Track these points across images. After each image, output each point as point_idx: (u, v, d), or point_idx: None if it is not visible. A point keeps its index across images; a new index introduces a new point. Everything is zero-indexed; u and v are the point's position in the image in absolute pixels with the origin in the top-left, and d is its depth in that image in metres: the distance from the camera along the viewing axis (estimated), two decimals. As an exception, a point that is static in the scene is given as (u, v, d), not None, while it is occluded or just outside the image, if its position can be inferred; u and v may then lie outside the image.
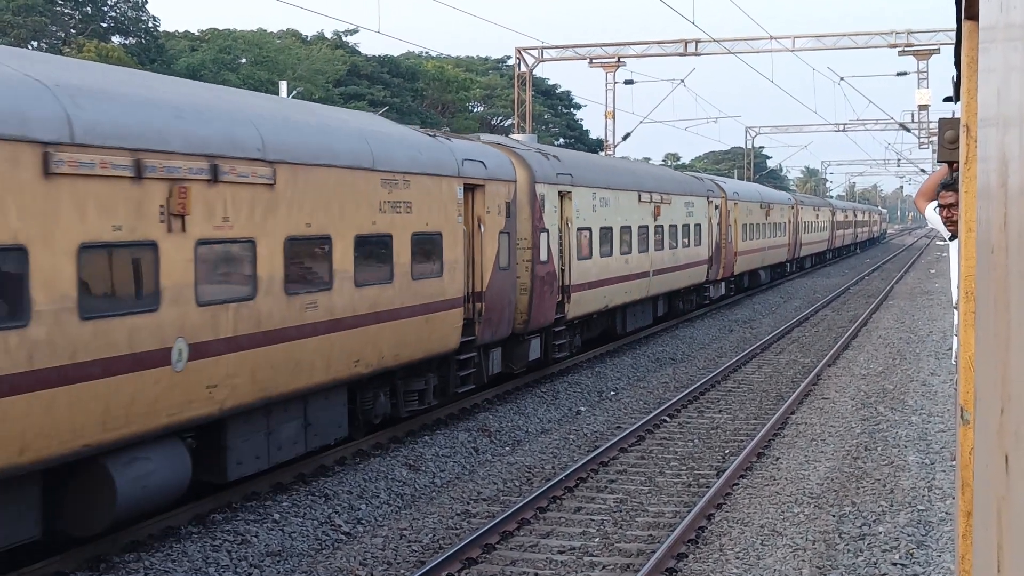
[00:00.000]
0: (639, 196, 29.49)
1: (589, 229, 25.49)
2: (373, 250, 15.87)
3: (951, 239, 8.32)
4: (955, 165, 6.34)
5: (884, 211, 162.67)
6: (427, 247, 17.46)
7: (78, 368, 10.33)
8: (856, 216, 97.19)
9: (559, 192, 23.56)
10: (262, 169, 13.14)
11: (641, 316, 31.13)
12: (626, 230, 28.30)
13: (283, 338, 13.54)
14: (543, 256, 22.40)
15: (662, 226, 31.59)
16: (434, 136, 19.34)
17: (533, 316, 21.97)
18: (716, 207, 39.17)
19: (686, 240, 34.53)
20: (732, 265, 41.93)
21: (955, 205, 7.42)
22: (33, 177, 9.85)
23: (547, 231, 22.64)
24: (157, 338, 11.38)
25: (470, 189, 19.20)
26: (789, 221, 56.01)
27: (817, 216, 68.45)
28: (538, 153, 23.70)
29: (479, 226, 19.60)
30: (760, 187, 55.99)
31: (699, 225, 36.34)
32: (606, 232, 26.71)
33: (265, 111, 14.29)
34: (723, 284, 41.81)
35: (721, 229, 39.80)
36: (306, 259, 14.30)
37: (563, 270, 23.83)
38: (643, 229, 29.81)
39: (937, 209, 8.97)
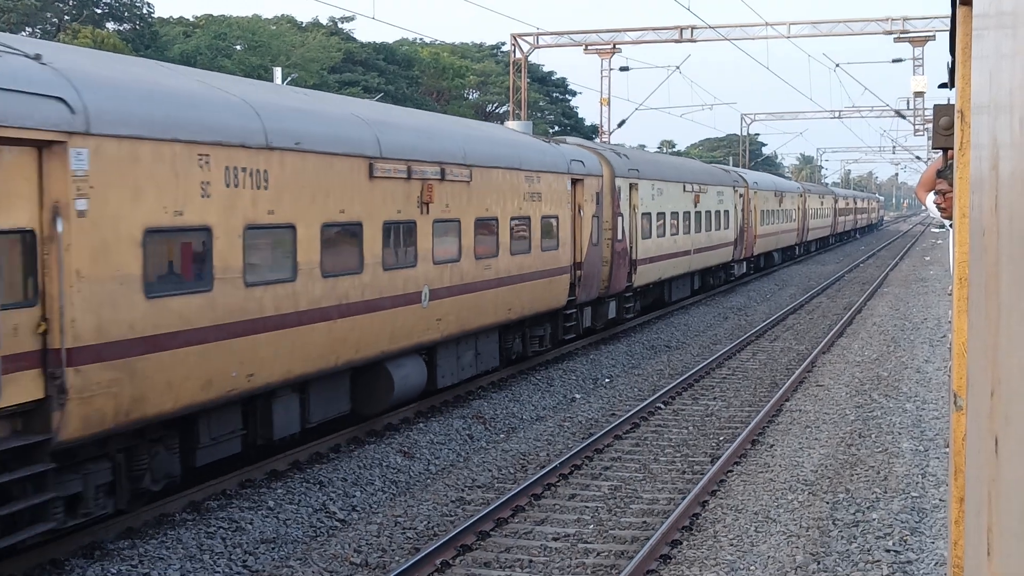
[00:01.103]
0: (684, 187, 35.04)
1: (649, 214, 31.04)
2: (519, 228, 21.40)
3: (951, 226, 8.32)
4: (950, 152, 6.34)
5: (881, 199, 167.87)
6: (549, 227, 22.99)
7: (378, 302, 16.01)
8: (856, 204, 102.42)
9: (630, 184, 28.94)
10: (464, 171, 18.83)
11: (683, 288, 36.92)
12: (674, 215, 33.90)
13: (473, 290, 19.33)
14: (620, 236, 27.74)
15: (700, 212, 37.04)
16: (550, 142, 25.38)
17: (612, 283, 27.39)
18: (740, 195, 44.50)
19: (717, 224, 39.96)
20: (752, 247, 47.30)
21: (948, 192, 7.41)
22: (364, 179, 15.66)
23: (622, 215, 27.97)
24: (415, 285, 17.17)
25: (575, 182, 24.64)
26: (798, 208, 61.31)
27: (822, 203, 74.13)
28: (614, 152, 29.19)
29: (579, 211, 24.97)
30: (775, 177, 62.75)
31: (727, 211, 41.73)
32: (660, 216, 32.26)
33: (460, 131, 20.36)
34: (744, 263, 46.98)
35: (744, 215, 45.05)
36: (486, 234, 19.90)
37: (632, 247, 29.10)
38: (686, 215, 35.31)
39: (935, 197, 8.97)
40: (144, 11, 61.35)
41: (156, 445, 12.19)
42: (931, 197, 9.49)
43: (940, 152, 7.65)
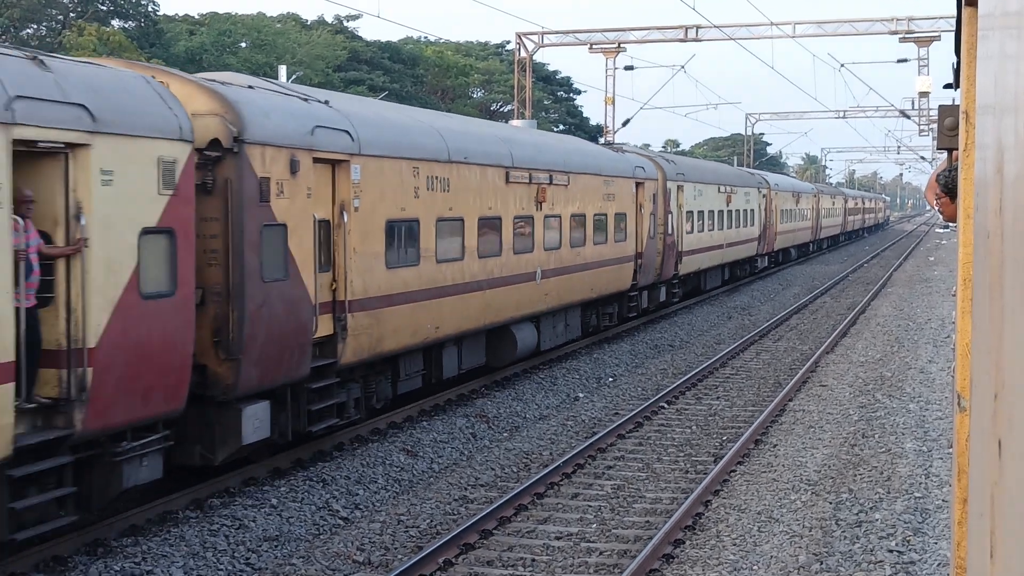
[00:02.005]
0: (719, 188, 39.57)
1: (692, 212, 35.39)
2: (599, 223, 26.08)
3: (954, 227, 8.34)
4: (955, 153, 6.33)
5: (888, 199, 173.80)
6: (620, 222, 27.71)
7: (509, 279, 20.85)
8: (864, 204, 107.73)
9: (677, 186, 33.46)
10: (564, 177, 23.71)
11: (715, 278, 41.56)
12: (711, 213, 38.22)
13: (568, 272, 24.04)
14: (670, 230, 32.34)
15: (731, 211, 41.49)
16: (620, 151, 31.27)
17: (663, 271, 32.03)
18: (763, 195, 48.71)
19: (745, 222, 44.41)
20: (773, 242, 51.78)
21: (942, 197, 7.42)
22: (503, 183, 20.63)
23: (671, 213, 32.53)
24: (532, 266, 22.08)
25: (638, 185, 29.28)
26: (812, 208, 65.74)
27: (833, 203, 78.84)
28: (664, 159, 34.27)
29: (640, 209, 29.48)
30: (793, 179, 68.50)
31: (753, 210, 46.04)
32: (700, 214, 36.62)
33: (561, 145, 26.28)
34: (766, 257, 51.53)
35: (766, 214, 49.38)
36: (577, 227, 24.62)
37: (678, 240, 33.48)
38: (720, 213, 39.65)
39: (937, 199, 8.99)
40: (149, 8, 61.35)
41: (379, 376, 16.84)
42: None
43: (946, 153, 7.65)
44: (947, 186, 7.33)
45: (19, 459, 9.96)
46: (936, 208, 9.05)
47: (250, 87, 14.64)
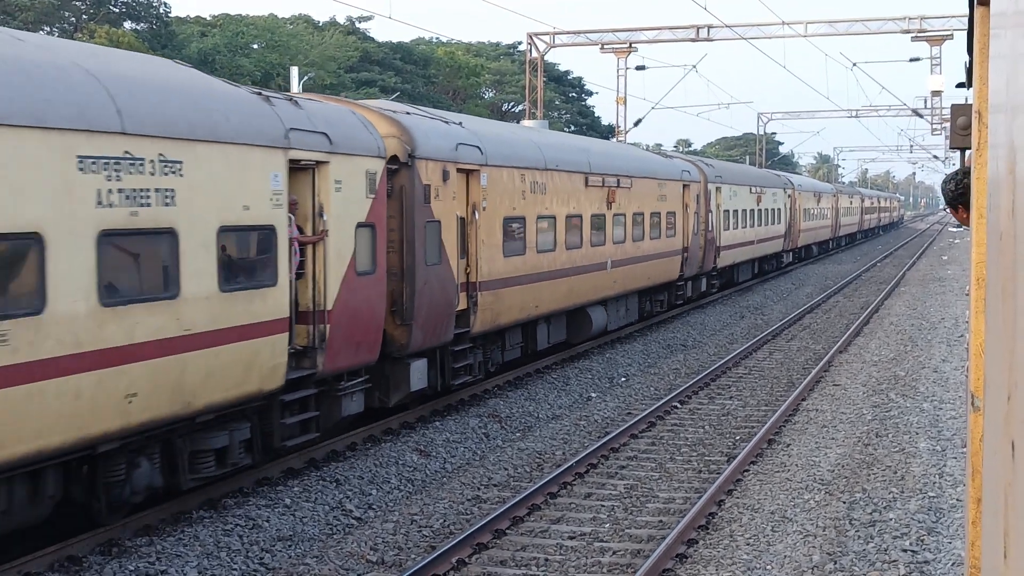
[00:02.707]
0: (750, 189, 42.95)
1: (728, 211, 38.78)
2: (654, 221, 29.68)
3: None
4: (968, 152, 6.32)
5: (902, 198, 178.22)
6: (670, 220, 31.27)
7: (586, 267, 24.21)
8: (880, 203, 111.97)
9: (716, 187, 36.90)
10: (628, 180, 27.12)
11: (747, 272, 45.11)
12: (744, 212, 41.65)
13: (630, 263, 27.46)
14: (710, 227, 35.81)
15: (761, 210, 44.98)
16: (668, 157, 34.92)
17: (704, 264, 35.53)
18: (789, 195, 52.05)
19: (773, 220, 47.93)
20: (797, 239, 55.30)
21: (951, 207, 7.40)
22: (582, 187, 24.01)
23: (711, 212, 35.97)
24: (603, 257, 25.33)
25: (684, 187, 32.88)
26: (832, 207, 69.37)
27: (851, 203, 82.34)
28: (704, 163, 37.89)
29: (686, 209, 33.11)
30: (814, 180, 72.70)
31: (779, 209, 49.45)
32: (735, 213, 39.98)
33: (625, 152, 30.80)
34: (791, 253, 55.21)
35: (791, 213, 52.78)
36: (637, 225, 28.13)
37: (716, 237, 36.87)
38: (752, 212, 43.10)
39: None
40: (161, 10, 61.51)
41: (493, 344, 20.67)
42: None
43: (959, 152, 7.62)
44: (951, 200, 7.32)
45: (285, 389, 13.74)
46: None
47: (408, 113, 18.21)
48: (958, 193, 7.10)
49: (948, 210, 8.25)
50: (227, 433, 12.82)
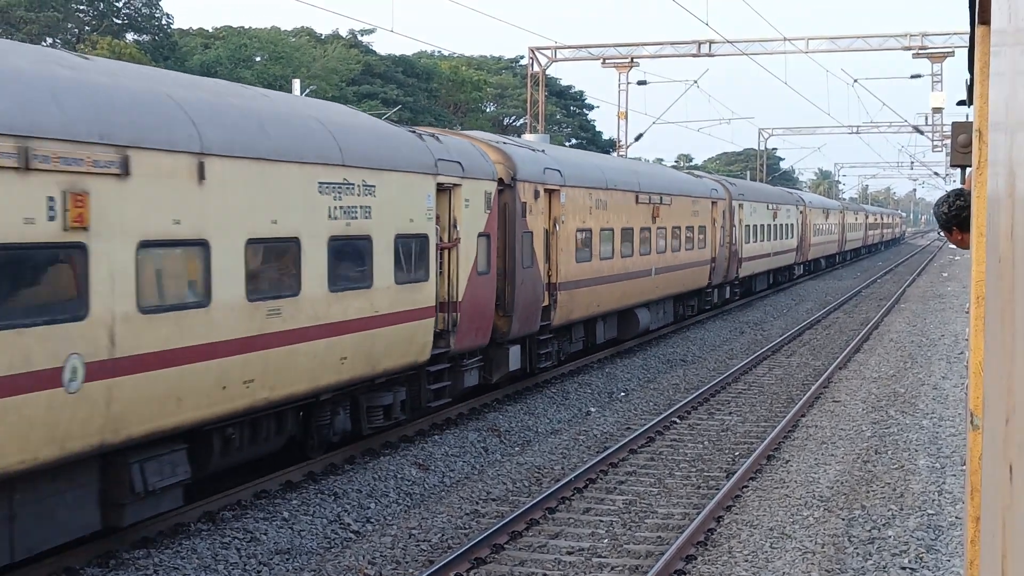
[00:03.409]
0: (767, 206, 46.94)
1: (749, 226, 42.52)
2: (688, 234, 33.53)
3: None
4: (968, 170, 6.31)
5: (904, 214, 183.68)
6: (701, 233, 35.20)
7: (636, 274, 27.61)
8: (883, 219, 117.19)
9: (739, 204, 40.78)
10: (669, 198, 30.91)
11: (763, 282, 48.84)
12: (762, 227, 45.43)
13: (669, 271, 31.07)
14: (733, 241, 39.50)
15: (776, 225, 48.79)
16: (699, 176, 39.03)
17: (728, 273, 39.31)
18: (800, 212, 55.78)
19: (786, 235, 51.68)
20: (808, 253, 58.99)
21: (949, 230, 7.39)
22: (634, 204, 27.80)
23: (734, 226, 39.70)
24: (649, 265, 28.82)
25: (712, 203, 36.85)
26: (838, 223, 73.23)
27: (856, 219, 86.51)
28: (729, 182, 41.99)
29: (714, 223, 36.97)
30: (823, 198, 76.91)
31: (792, 224, 53.02)
32: (754, 228, 43.66)
33: (665, 172, 35.89)
34: (802, 266, 58.61)
35: (802, 228, 56.40)
36: (675, 237, 31.82)
37: (740, 249, 40.56)
38: (769, 227, 46.94)
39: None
40: (163, 22, 61.62)
41: (563, 338, 24.21)
42: None
43: (960, 170, 7.62)
44: (944, 223, 7.30)
45: (429, 362, 17.49)
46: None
47: (505, 143, 22.04)
48: (951, 215, 7.10)
49: (943, 233, 8.24)
50: (391, 393, 16.62)
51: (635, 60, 50.05)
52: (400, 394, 16.84)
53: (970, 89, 6.04)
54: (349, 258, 14.89)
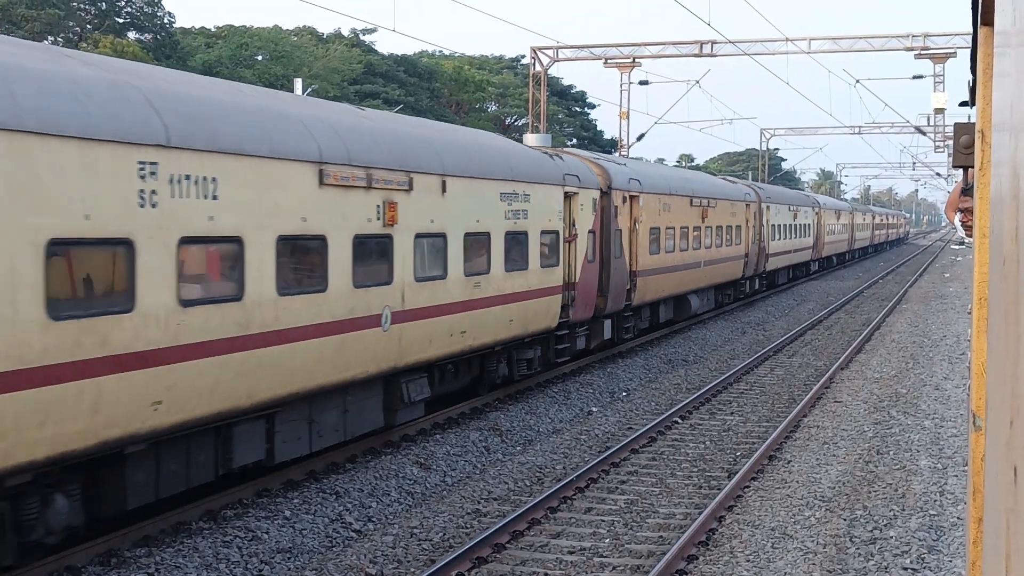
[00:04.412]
0: (788, 207, 52.33)
1: (774, 226, 48.23)
2: (727, 232, 38.28)
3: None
4: (971, 170, 6.30)
5: (909, 215, 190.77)
6: (737, 231, 40.23)
7: (688, 265, 32.95)
8: (888, 220, 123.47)
9: (766, 206, 45.94)
10: (713, 201, 35.69)
11: (784, 277, 54.09)
12: (785, 227, 51.06)
13: (713, 263, 35.74)
14: (761, 239, 44.91)
15: (796, 225, 54.52)
16: (735, 183, 44.67)
17: (757, 267, 44.76)
18: (816, 213, 61.14)
19: (804, 234, 57.34)
20: (822, 250, 64.44)
21: (972, 210, 7.35)
22: (688, 205, 33.14)
23: (763, 226, 45.34)
24: (698, 258, 34.00)
25: (746, 205, 42.15)
26: (849, 223, 78.70)
27: (864, 219, 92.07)
28: (759, 187, 48.16)
29: (747, 223, 42.11)
30: (835, 200, 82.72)
31: (809, 225, 58.78)
32: (778, 227, 49.31)
33: (707, 179, 39.49)
34: (817, 263, 64.48)
35: (818, 228, 61.82)
36: (717, 234, 36.67)
37: (767, 246, 46.18)
38: (790, 227, 52.66)
39: (959, 215, 8.94)
40: (165, 21, 61.58)
41: (636, 317, 28.98)
42: (959, 217, 9.46)
43: (962, 171, 7.61)
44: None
45: (556, 328, 22.84)
46: (960, 224, 9.00)
47: (597, 158, 27.35)
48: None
49: (963, 216, 8.21)
50: (532, 350, 22.14)
51: (637, 60, 50.04)
52: (537, 351, 22.36)
53: (972, 90, 6.03)
54: (515, 248, 20.29)
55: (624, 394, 23.41)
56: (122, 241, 10.70)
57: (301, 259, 13.86)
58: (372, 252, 15.23)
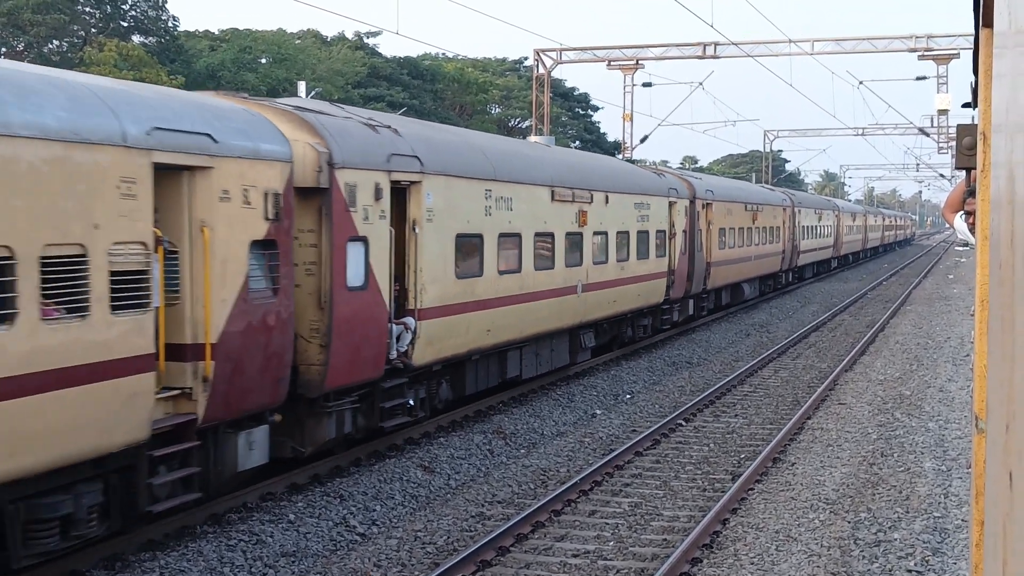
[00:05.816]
0: (814, 211, 58.65)
1: (803, 227, 53.95)
2: (771, 232, 45.64)
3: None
4: (974, 173, 6.29)
5: (915, 217, 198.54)
6: (776, 232, 46.86)
7: (744, 258, 41.10)
8: (896, 221, 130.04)
9: (798, 210, 52.63)
10: (761, 207, 43.55)
11: (809, 272, 60.85)
12: (811, 228, 57.64)
13: (759, 257, 43.62)
14: (794, 238, 51.22)
15: (820, 226, 61.03)
16: (773, 189, 52.83)
17: (792, 262, 51.56)
18: (835, 215, 67.26)
19: (826, 234, 63.75)
20: (840, 249, 70.54)
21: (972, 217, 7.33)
22: (744, 211, 40.83)
23: (793, 228, 51.07)
24: (749, 254, 41.95)
25: (783, 209, 49.22)
26: (863, 224, 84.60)
27: (875, 221, 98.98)
28: (792, 193, 55.07)
29: (784, 224, 48.70)
30: (852, 204, 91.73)
31: (830, 226, 65.05)
32: (806, 228, 55.63)
33: (760, 190, 49.09)
34: (836, 260, 70.48)
35: (837, 229, 67.95)
36: (762, 233, 43.76)
37: (799, 244, 53.20)
38: (815, 228, 59.29)
39: (964, 217, 8.88)
40: (169, 24, 61.65)
41: (703, 301, 36.42)
42: (958, 218, 9.41)
43: (964, 172, 7.59)
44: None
45: (661, 304, 30.65)
46: (965, 224, 8.94)
47: (672, 171, 34.43)
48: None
49: (969, 218, 8.18)
50: (629, 326, 28.15)
51: (640, 62, 50.07)
52: (649, 320, 29.65)
53: (975, 92, 6.03)
54: (642, 242, 27.47)
55: (628, 396, 23.39)
56: (477, 235, 18.51)
57: (542, 248, 21.48)
58: (573, 244, 23.07)
